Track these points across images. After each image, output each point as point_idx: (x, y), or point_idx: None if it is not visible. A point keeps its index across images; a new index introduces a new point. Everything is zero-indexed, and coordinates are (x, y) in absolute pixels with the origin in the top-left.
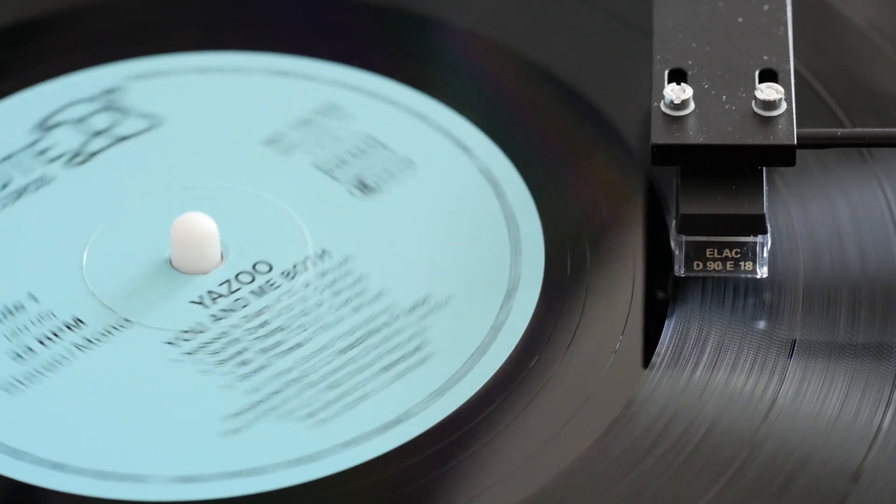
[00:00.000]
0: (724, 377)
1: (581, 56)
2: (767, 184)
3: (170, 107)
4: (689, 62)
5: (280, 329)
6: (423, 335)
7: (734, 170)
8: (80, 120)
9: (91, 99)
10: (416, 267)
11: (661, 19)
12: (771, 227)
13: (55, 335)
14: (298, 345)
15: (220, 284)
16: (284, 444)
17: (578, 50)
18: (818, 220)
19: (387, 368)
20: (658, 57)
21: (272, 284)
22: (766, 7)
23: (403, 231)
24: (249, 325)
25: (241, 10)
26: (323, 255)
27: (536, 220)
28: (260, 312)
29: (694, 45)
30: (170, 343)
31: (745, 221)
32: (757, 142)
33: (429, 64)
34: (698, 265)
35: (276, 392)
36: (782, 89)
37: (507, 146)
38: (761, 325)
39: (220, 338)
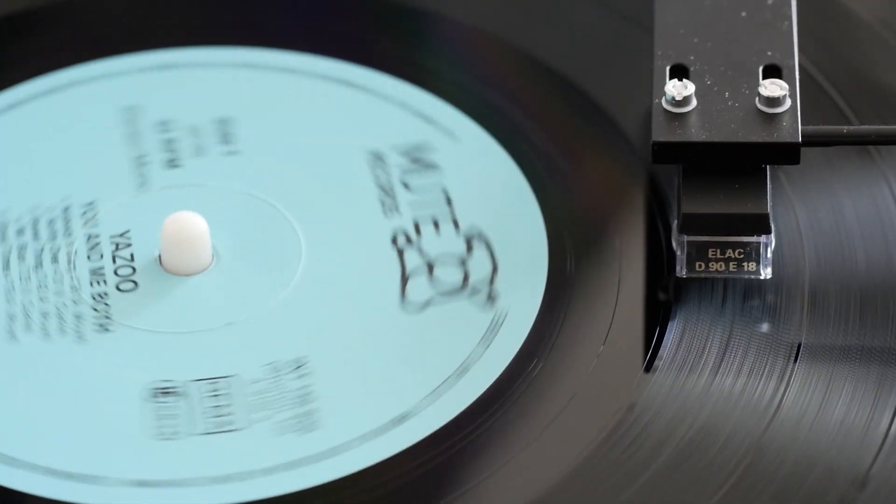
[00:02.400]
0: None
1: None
2: (771, 182)
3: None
4: (691, 58)
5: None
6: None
7: (737, 168)
8: None
9: None
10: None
11: (663, 14)
12: (775, 226)
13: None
14: None
15: None
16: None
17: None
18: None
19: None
20: (659, 52)
21: None
22: (769, 1)
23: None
24: None
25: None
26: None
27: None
28: None
29: (696, 40)
30: None
31: (748, 221)
32: (760, 139)
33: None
34: (700, 266)
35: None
36: (786, 85)
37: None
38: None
39: None
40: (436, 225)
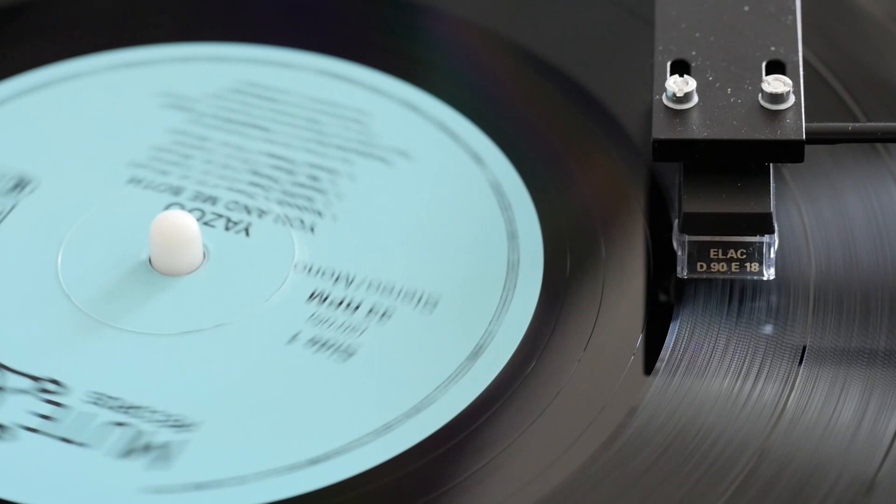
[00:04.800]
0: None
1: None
2: (775, 180)
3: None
4: (693, 53)
5: None
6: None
7: (740, 166)
8: None
9: None
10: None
11: (664, 8)
12: (779, 226)
13: None
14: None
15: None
16: None
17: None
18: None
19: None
20: (660, 47)
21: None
22: None
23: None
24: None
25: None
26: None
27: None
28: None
29: (698, 34)
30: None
31: (751, 220)
32: (764, 137)
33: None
34: (702, 266)
35: None
36: (790, 81)
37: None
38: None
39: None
40: None
